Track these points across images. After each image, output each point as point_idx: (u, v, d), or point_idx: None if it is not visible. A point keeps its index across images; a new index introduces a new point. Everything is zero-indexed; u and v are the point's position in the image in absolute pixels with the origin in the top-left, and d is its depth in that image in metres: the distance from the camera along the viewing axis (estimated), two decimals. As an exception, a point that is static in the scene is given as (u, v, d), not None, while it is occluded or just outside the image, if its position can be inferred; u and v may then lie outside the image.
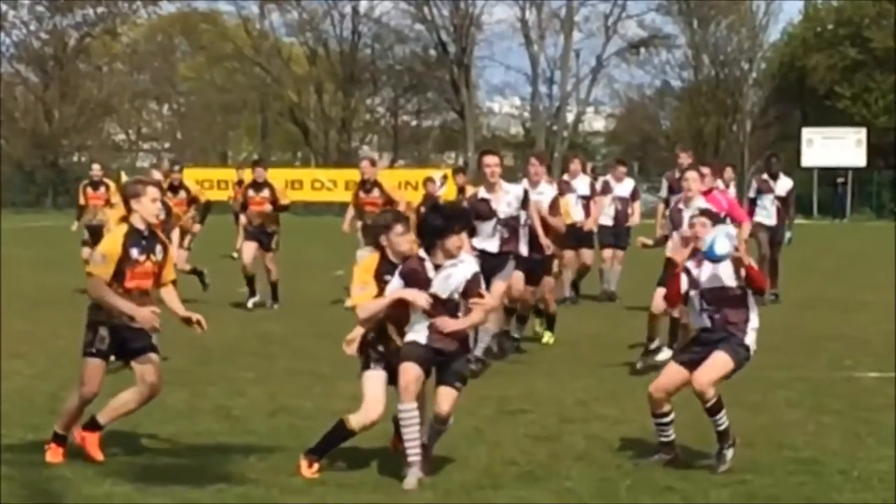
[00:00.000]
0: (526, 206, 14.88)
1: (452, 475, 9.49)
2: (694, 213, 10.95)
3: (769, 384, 13.59)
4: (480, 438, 10.73)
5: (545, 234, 15.47)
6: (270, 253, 21.04)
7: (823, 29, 70.10)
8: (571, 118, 74.48)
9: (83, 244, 23.02)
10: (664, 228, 15.62)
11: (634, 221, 22.94)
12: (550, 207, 15.81)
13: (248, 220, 21.35)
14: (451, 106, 73.93)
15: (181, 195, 20.71)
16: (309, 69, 73.71)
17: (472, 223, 10.04)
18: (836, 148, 62.04)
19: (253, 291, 20.68)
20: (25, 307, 20.04)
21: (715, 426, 9.74)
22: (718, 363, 9.69)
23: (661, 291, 13.86)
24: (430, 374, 9.46)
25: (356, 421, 9.51)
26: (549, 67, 73.26)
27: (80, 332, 9.97)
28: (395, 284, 9.44)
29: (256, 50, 73.22)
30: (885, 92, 65.58)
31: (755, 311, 9.95)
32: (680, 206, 14.79)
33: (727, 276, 9.84)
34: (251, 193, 21.32)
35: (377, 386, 9.52)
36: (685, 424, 9.99)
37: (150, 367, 9.79)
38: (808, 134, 63.17)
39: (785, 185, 22.65)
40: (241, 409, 12.17)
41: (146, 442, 10.57)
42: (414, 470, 9.31)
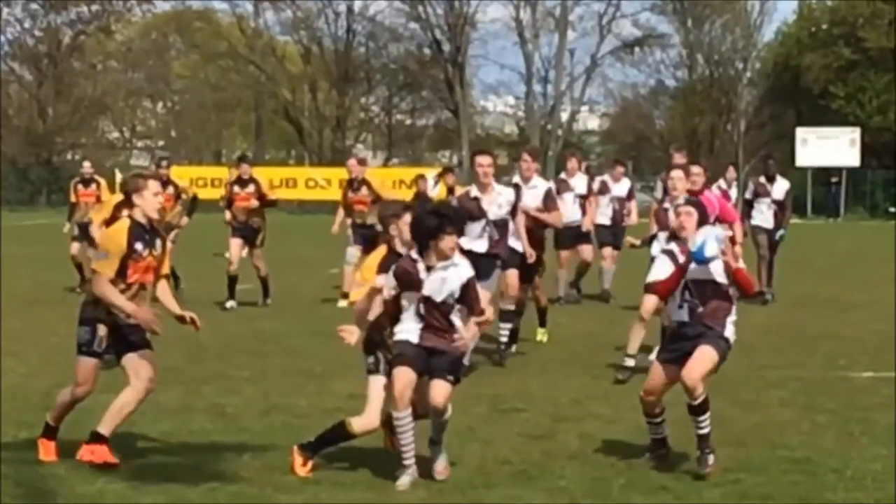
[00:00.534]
0: (514, 213, 14.71)
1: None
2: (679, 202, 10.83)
3: (763, 383, 13.61)
4: (474, 437, 10.73)
5: (530, 242, 15.25)
6: (257, 250, 20.95)
7: (818, 29, 70.07)
8: (566, 117, 74.44)
9: (72, 240, 22.98)
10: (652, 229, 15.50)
11: (631, 221, 22.90)
12: (545, 202, 15.59)
13: (233, 216, 21.23)
14: (445, 105, 73.88)
15: (169, 190, 20.66)
16: (303, 67, 73.65)
17: (466, 224, 9.96)
18: (830, 147, 62.03)
19: (232, 294, 20.54)
20: (19, 305, 20.01)
21: (697, 428, 9.61)
22: (706, 357, 9.65)
23: (649, 297, 13.71)
24: (423, 374, 9.41)
25: (358, 425, 9.50)
26: (543, 66, 73.29)
27: (73, 329, 9.91)
28: (387, 283, 9.41)
29: (251, 48, 73.11)
30: (878, 92, 65.58)
31: (735, 304, 9.93)
32: (665, 205, 14.53)
33: (718, 272, 9.79)
34: (236, 189, 21.24)
35: (383, 392, 9.48)
36: (678, 422, 9.99)
37: (144, 362, 9.68)
38: (802, 133, 63.15)
39: (782, 187, 22.56)
40: (235, 407, 12.17)
41: (140, 440, 10.56)
42: (409, 470, 9.31)
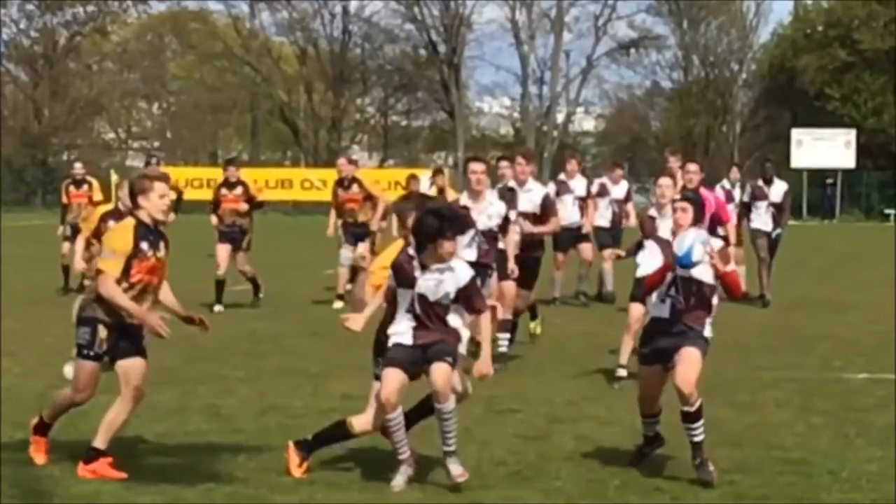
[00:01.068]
0: (504, 229, 14.30)
1: (441, 475, 9.47)
2: (676, 197, 10.59)
3: (759, 384, 13.62)
4: (469, 438, 10.70)
5: (529, 244, 14.94)
6: (243, 254, 20.75)
7: (813, 30, 70.14)
8: (561, 118, 74.58)
9: (64, 240, 22.95)
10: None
11: (630, 223, 22.85)
12: (543, 207, 15.36)
13: (220, 219, 21.00)
14: (440, 106, 73.95)
15: None
16: (299, 68, 73.68)
17: (468, 228, 9.78)
18: (825, 149, 62.09)
19: (219, 299, 20.47)
20: (15, 306, 19.99)
21: (691, 436, 9.49)
22: (694, 361, 9.54)
23: (635, 306, 13.62)
24: (417, 376, 9.35)
25: (359, 425, 9.48)
26: (539, 68, 73.48)
27: (68, 330, 9.88)
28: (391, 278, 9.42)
29: (246, 49, 73.15)
30: (874, 93, 65.67)
31: (714, 309, 9.84)
32: (652, 213, 14.13)
33: (706, 273, 9.68)
34: (224, 192, 21.05)
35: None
36: (674, 424, 9.97)
37: (135, 370, 9.54)
38: (797, 135, 63.20)
39: (779, 189, 22.51)
40: (230, 407, 12.16)
41: (135, 440, 10.55)
42: (403, 468, 9.28)
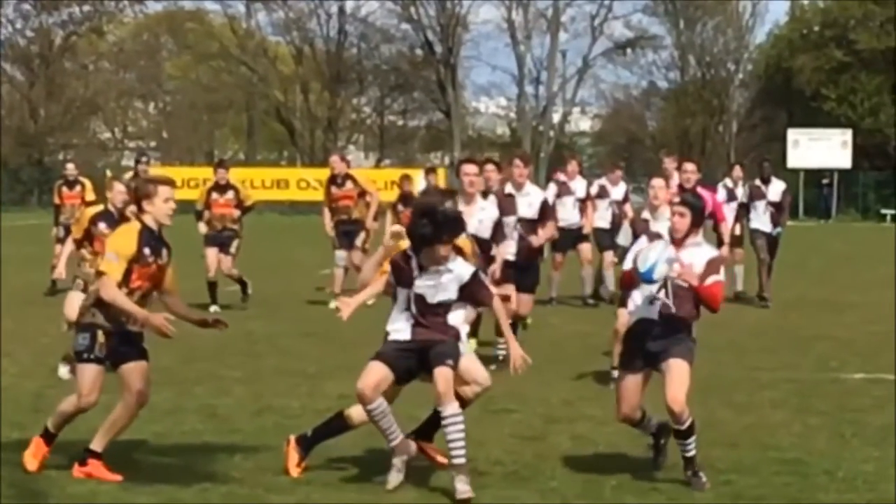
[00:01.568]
0: (496, 237, 13.92)
1: (437, 475, 9.47)
2: (675, 199, 10.18)
3: (755, 385, 13.62)
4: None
5: (498, 280, 13.96)
6: (229, 258, 20.57)
7: (809, 30, 70.24)
8: (558, 118, 74.57)
9: (57, 241, 22.94)
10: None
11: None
12: (541, 213, 15.18)
13: (208, 225, 20.74)
14: (437, 106, 73.97)
15: None
16: (295, 68, 73.71)
17: (462, 232, 9.67)
18: (821, 149, 62.17)
19: (214, 300, 20.42)
20: (11, 306, 19.97)
21: (684, 451, 9.34)
22: (683, 376, 9.25)
23: (622, 311, 13.50)
24: (410, 374, 9.29)
25: (359, 417, 9.44)
26: (535, 68, 73.52)
27: (65, 330, 9.88)
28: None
29: (242, 49, 73.17)
30: (870, 93, 65.75)
31: (699, 315, 9.61)
32: (645, 215, 13.73)
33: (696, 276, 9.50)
34: (215, 196, 20.80)
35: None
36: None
37: (137, 374, 9.46)
38: (793, 135, 63.27)
39: (777, 188, 22.51)
40: (226, 408, 12.15)
41: (132, 441, 10.53)
42: (396, 460, 9.20)
